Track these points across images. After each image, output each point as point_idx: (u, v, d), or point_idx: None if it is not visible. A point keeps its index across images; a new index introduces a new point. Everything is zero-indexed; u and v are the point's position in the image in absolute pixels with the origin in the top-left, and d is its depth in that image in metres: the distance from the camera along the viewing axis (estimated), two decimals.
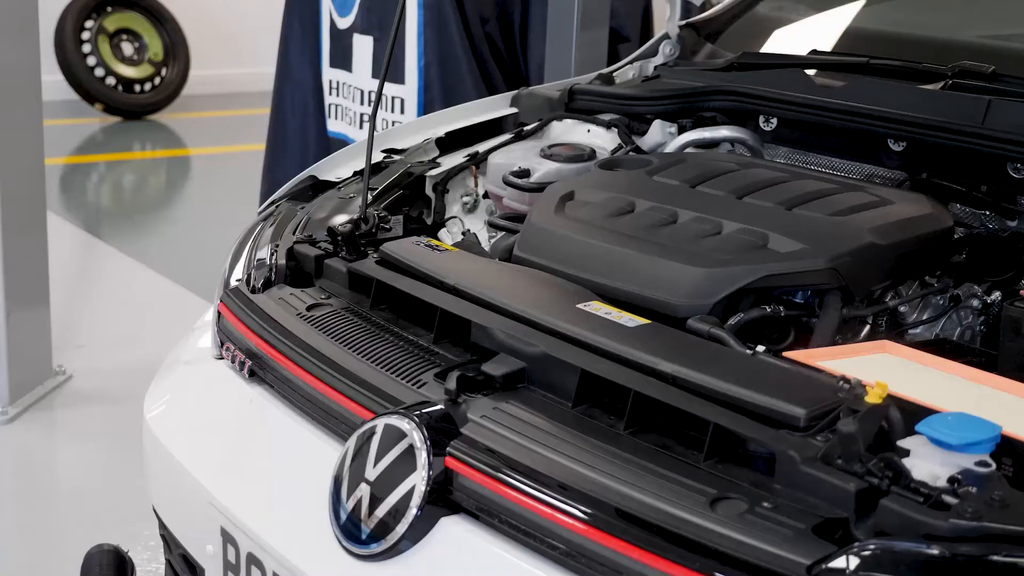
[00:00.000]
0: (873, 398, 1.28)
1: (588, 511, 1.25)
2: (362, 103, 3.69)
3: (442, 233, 2.19)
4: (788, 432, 1.26)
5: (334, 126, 3.84)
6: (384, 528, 1.37)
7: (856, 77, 2.14)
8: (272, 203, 2.16)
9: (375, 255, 1.78)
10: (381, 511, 1.38)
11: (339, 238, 1.82)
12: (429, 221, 2.21)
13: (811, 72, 2.21)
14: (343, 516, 1.41)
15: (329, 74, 3.83)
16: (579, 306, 1.53)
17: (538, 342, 1.46)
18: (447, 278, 1.64)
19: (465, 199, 2.25)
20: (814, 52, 2.31)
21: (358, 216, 1.91)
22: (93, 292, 4.69)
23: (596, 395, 1.41)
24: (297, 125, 3.91)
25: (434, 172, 2.21)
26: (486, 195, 2.23)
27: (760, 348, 1.44)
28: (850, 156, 2.09)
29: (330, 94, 3.85)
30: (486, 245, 2.10)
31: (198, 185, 7.07)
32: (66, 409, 3.64)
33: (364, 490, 1.39)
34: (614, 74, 2.51)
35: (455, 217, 2.21)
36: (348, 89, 3.80)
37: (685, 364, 1.37)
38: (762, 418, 1.28)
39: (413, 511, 1.35)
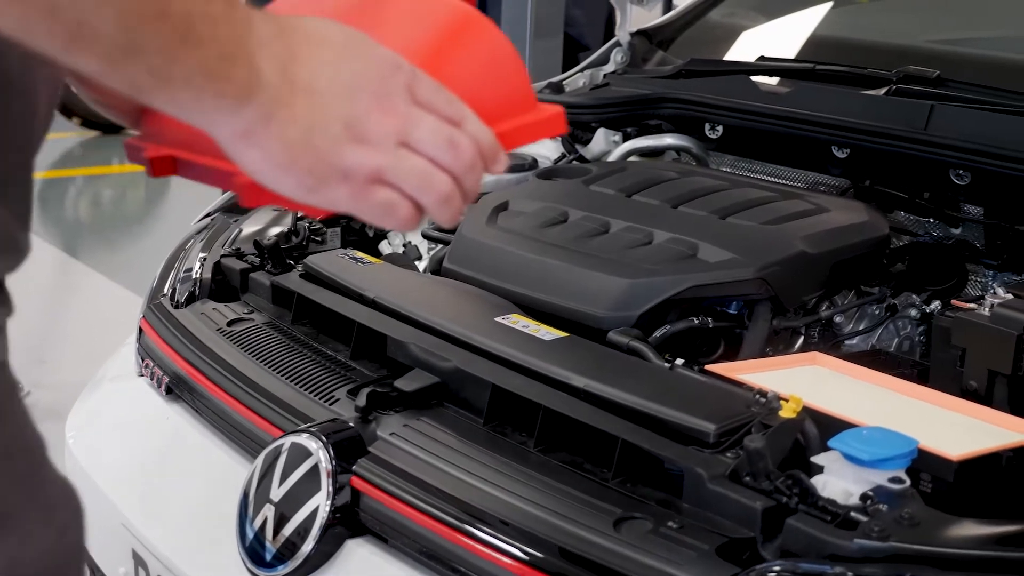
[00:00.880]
0: (787, 412, 1.24)
1: (492, 534, 1.21)
2: None
3: (383, 245, 2.14)
4: (697, 449, 1.22)
5: None
6: (289, 550, 1.32)
7: (802, 83, 2.10)
8: (207, 215, 2.12)
9: (300, 268, 1.74)
10: (286, 533, 1.33)
11: (265, 251, 1.77)
12: (371, 233, 2.17)
13: (759, 79, 2.17)
14: (249, 537, 1.36)
15: None
16: (497, 319, 1.49)
17: (451, 357, 1.42)
18: (367, 291, 1.60)
19: None
20: (763, 59, 2.27)
21: (288, 229, 1.87)
22: (61, 309, 4.65)
23: (509, 411, 1.37)
24: None
25: None
26: None
27: (679, 361, 1.40)
28: (795, 164, 2.05)
29: None
30: (427, 257, 2.05)
31: (176, 201, 7.03)
32: None
33: (269, 511, 1.35)
34: (564, 82, 2.46)
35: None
36: None
37: (597, 378, 1.32)
38: (673, 434, 1.24)
39: (317, 533, 1.31)
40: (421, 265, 1.97)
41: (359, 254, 1.74)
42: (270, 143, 0.79)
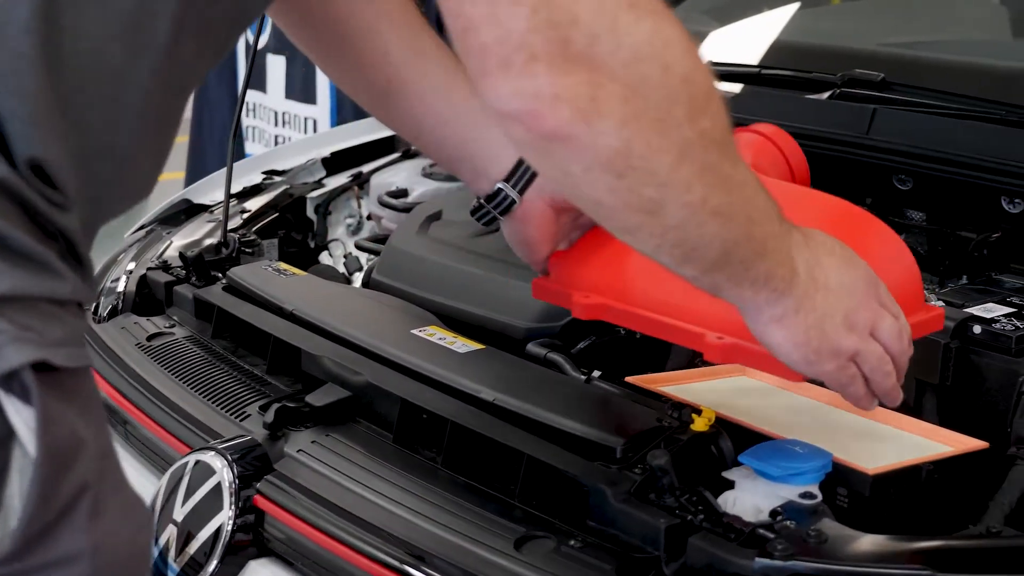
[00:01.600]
0: (699, 426, 1.20)
1: (392, 555, 1.16)
2: (276, 124, 3.61)
3: (323, 256, 2.10)
4: (604, 464, 1.18)
5: (252, 148, 3.76)
6: (192, 570, 1.28)
7: (746, 88, 2.06)
8: (142, 227, 2.07)
9: (224, 281, 1.70)
10: (189, 552, 1.29)
11: (190, 264, 1.73)
12: (313, 244, 2.13)
13: None
14: (153, 556, 1.32)
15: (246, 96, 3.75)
16: (414, 332, 1.45)
17: (363, 370, 1.38)
18: (286, 304, 1.55)
19: (349, 221, 2.16)
20: (709, 63, 2.22)
21: (218, 241, 1.83)
22: None
23: (420, 426, 1.32)
24: (216, 151, 3.82)
25: (315, 193, 2.13)
26: (370, 217, 2.15)
27: (596, 374, 1.35)
28: None
29: (247, 116, 3.77)
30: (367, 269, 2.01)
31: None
32: None
33: (173, 530, 1.31)
34: None
35: (337, 240, 2.13)
36: (263, 111, 3.72)
37: (508, 391, 1.28)
38: (580, 449, 1.20)
39: (219, 553, 1.26)
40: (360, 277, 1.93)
41: (283, 266, 1.70)
42: (796, 327, 1.03)
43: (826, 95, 1.93)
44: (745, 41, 2.42)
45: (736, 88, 2.06)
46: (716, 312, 1.13)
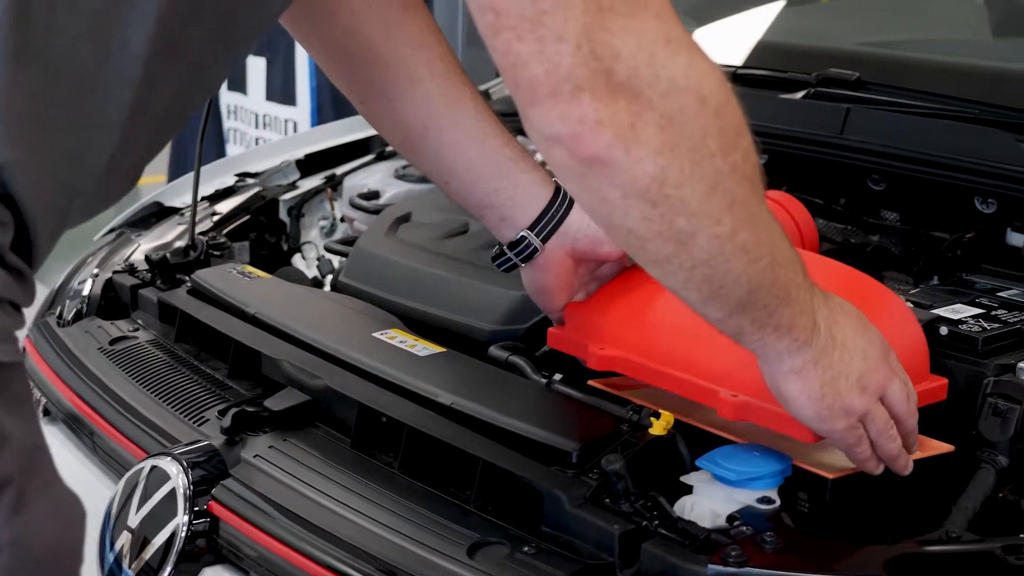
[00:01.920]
0: (658, 430, 1.18)
1: (346, 562, 1.14)
2: (257, 126, 3.59)
3: (296, 259, 2.08)
4: (559, 469, 1.16)
5: (233, 151, 3.74)
6: None
7: None
8: (112, 230, 2.05)
9: (188, 284, 1.68)
10: (144, 558, 1.27)
11: (155, 267, 1.71)
12: (286, 247, 2.12)
13: None
14: (109, 562, 1.30)
15: (227, 98, 3.73)
16: (375, 335, 1.43)
17: (322, 374, 1.36)
18: (248, 307, 1.53)
19: (322, 223, 2.15)
20: None
21: (186, 244, 1.81)
22: None
23: (377, 430, 1.30)
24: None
25: (288, 195, 2.11)
26: (344, 219, 2.13)
27: (557, 377, 1.33)
28: None
29: (228, 118, 3.75)
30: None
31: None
32: None
33: (128, 536, 1.29)
34: (491, 90, 2.41)
35: (310, 242, 2.11)
36: (244, 113, 3.70)
37: (467, 395, 1.26)
38: (536, 453, 1.18)
39: (173, 560, 1.24)
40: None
41: (248, 269, 1.68)
42: (812, 381, 1.05)
43: (800, 95, 1.91)
44: (724, 41, 2.40)
45: None
46: (730, 370, 1.16)
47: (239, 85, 3.65)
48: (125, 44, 0.93)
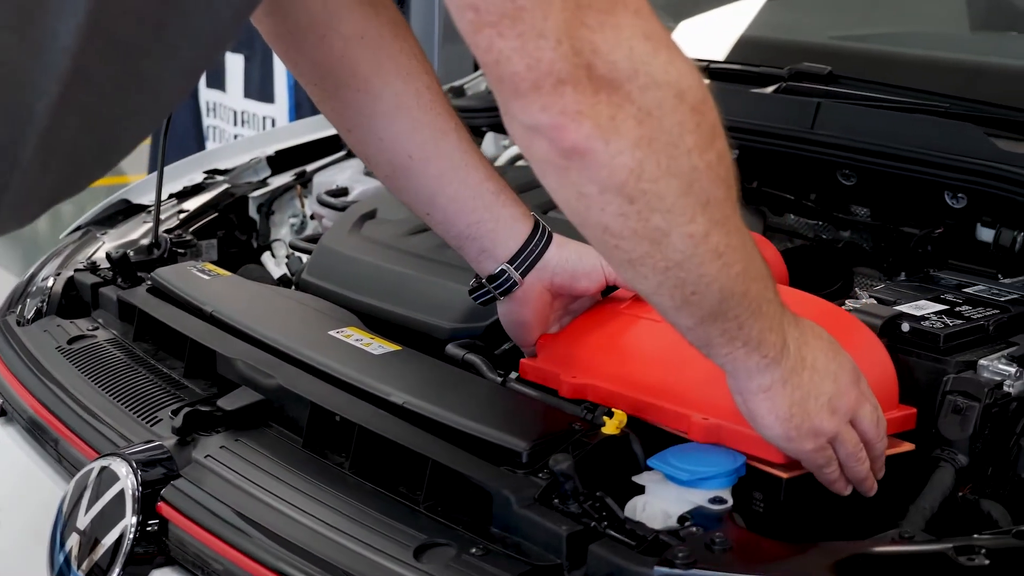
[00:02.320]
0: (610, 428, 1.16)
1: (292, 564, 1.12)
2: (235, 124, 3.57)
3: (265, 257, 2.06)
4: (510, 469, 1.14)
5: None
6: None
7: None
8: (78, 228, 2.03)
9: (148, 282, 1.66)
10: (94, 559, 1.25)
11: (115, 265, 1.69)
12: (256, 244, 2.09)
13: None
14: (59, 563, 1.28)
15: (206, 95, 3.71)
16: (331, 333, 1.41)
17: (276, 373, 1.34)
18: (206, 306, 1.51)
19: (293, 221, 2.13)
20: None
21: (150, 241, 1.79)
22: None
23: (330, 430, 1.28)
24: (177, 152, 3.76)
25: (257, 193, 2.09)
26: (314, 216, 2.11)
27: (513, 375, 1.32)
28: None
29: (208, 116, 3.73)
30: None
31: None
32: None
33: (76, 538, 1.27)
34: (466, 86, 2.39)
35: (280, 240, 2.09)
36: (223, 110, 3.68)
37: (420, 395, 1.24)
38: (487, 453, 1.16)
39: (121, 563, 1.22)
40: None
41: (210, 267, 1.66)
42: (781, 400, 1.05)
43: (771, 89, 1.89)
44: (700, 36, 2.38)
45: None
46: (701, 394, 1.16)
47: (218, 82, 3.63)
48: (55, 36, 0.91)
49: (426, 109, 1.32)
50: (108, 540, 1.24)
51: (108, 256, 1.71)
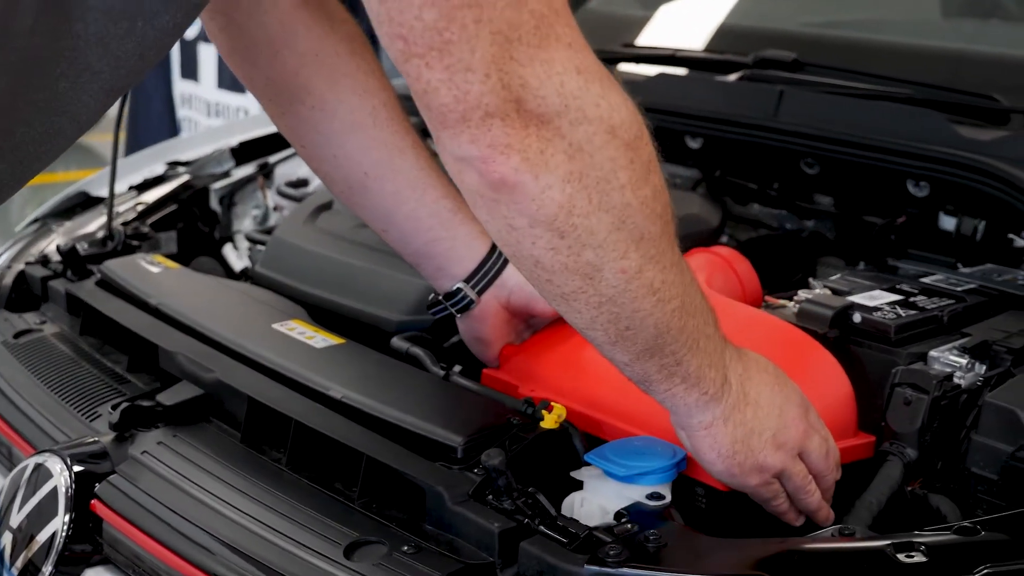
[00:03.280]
0: (549, 423, 1.14)
1: (223, 563, 1.10)
2: (209, 115, 3.53)
3: (227, 249, 2.03)
4: (445, 465, 1.11)
5: None
6: None
7: (661, 71, 1.99)
8: (36, 220, 2.00)
9: (97, 275, 1.63)
10: (23, 561, 1.22)
11: (66, 258, 1.66)
12: (218, 236, 2.07)
13: (621, 67, 2.06)
14: None
15: (180, 86, 3.67)
16: (274, 326, 1.38)
17: (215, 367, 1.31)
18: (151, 299, 1.49)
19: (255, 212, 2.10)
20: (627, 46, 2.16)
21: (104, 234, 1.76)
22: None
23: (268, 425, 1.25)
24: (151, 142, 3.74)
25: (219, 184, 2.06)
26: (277, 208, 2.08)
27: (456, 369, 1.29)
28: None
29: (182, 107, 3.70)
30: None
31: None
32: None
33: (9, 536, 1.24)
34: None
35: (241, 232, 2.06)
36: (197, 101, 3.64)
37: (359, 389, 1.22)
38: (423, 448, 1.13)
39: (53, 561, 1.20)
40: None
41: (159, 259, 1.63)
42: (722, 437, 1.04)
43: (735, 76, 1.86)
44: (670, 22, 2.35)
45: (652, 71, 1.99)
46: (655, 417, 1.13)
47: (191, 73, 3.60)
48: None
49: (382, 127, 1.30)
50: (42, 538, 1.22)
51: (58, 248, 1.68)
